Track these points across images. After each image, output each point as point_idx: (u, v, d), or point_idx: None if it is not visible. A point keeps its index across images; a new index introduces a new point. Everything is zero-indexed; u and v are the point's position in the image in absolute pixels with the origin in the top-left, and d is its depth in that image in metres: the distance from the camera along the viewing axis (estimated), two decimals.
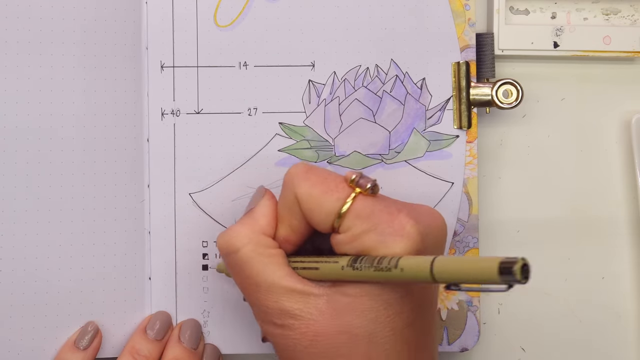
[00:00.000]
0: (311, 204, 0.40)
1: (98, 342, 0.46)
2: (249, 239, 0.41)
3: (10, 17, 0.46)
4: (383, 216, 0.39)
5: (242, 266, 0.41)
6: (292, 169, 0.41)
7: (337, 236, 0.40)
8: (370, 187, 0.39)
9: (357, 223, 0.39)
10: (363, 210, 0.39)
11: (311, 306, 0.39)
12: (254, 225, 0.41)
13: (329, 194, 0.39)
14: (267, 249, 0.41)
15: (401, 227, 0.38)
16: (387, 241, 0.38)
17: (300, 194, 0.40)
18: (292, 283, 0.40)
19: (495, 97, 0.48)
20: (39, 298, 0.46)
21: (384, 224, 0.38)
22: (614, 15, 0.51)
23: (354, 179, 0.39)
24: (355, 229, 0.39)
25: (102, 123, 0.47)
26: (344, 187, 0.40)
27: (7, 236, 0.46)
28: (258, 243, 0.41)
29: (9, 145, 0.46)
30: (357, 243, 0.39)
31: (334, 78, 0.48)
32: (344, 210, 0.39)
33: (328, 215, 0.39)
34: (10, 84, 0.46)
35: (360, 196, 0.39)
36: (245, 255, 0.40)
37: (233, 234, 0.41)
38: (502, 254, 0.51)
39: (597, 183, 0.51)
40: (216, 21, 0.48)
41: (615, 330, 0.51)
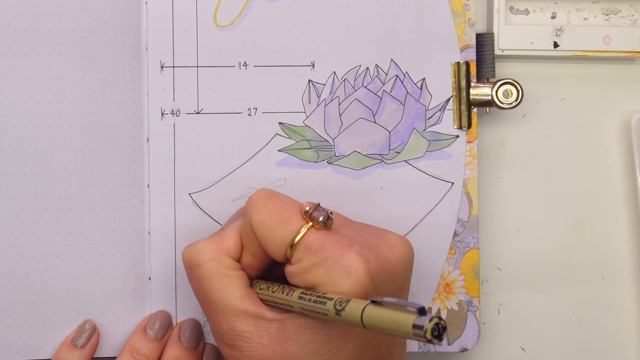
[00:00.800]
0: (265, 233, 0.40)
1: (96, 340, 0.46)
2: (212, 256, 0.41)
3: (7, 17, 0.46)
4: (333, 251, 0.39)
5: (201, 282, 0.41)
6: (253, 195, 0.41)
7: (289, 267, 0.40)
8: (322, 220, 0.39)
9: (306, 256, 0.39)
10: (313, 243, 0.39)
11: (262, 330, 0.40)
12: (220, 243, 0.42)
13: (281, 224, 0.40)
14: (228, 270, 0.41)
15: (349, 264, 0.38)
16: (334, 278, 0.38)
17: (255, 222, 0.40)
18: (246, 305, 0.40)
19: (495, 97, 0.48)
20: (36, 297, 0.46)
21: (331, 260, 0.38)
22: (614, 15, 0.51)
23: (308, 210, 0.40)
24: (304, 262, 0.39)
25: (101, 123, 0.47)
26: (298, 218, 0.40)
27: (5, 236, 0.46)
28: (220, 262, 0.41)
29: (6, 145, 0.46)
30: (306, 276, 0.39)
31: (334, 78, 0.48)
32: (294, 242, 0.39)
33: (280, 246, 0.40)
34: (7, 84, 0.46)
35: (312, 229, 0.39)
36: (206, 271, 0.41)
37: (198, 249, 0.42)
38: (502, 254, 0.51)
39: (597, 183, 0.51)
40: (216, 21, 0.48)
41: (615, 330, 0.51)
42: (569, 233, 0.51)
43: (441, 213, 0.48)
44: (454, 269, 0.48)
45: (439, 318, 0.32)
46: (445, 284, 0.48)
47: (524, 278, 0.51)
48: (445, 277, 0.48)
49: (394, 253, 0.40)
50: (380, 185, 0.48)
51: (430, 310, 0.48)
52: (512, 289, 0.51)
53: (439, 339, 0.32)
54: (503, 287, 0.51)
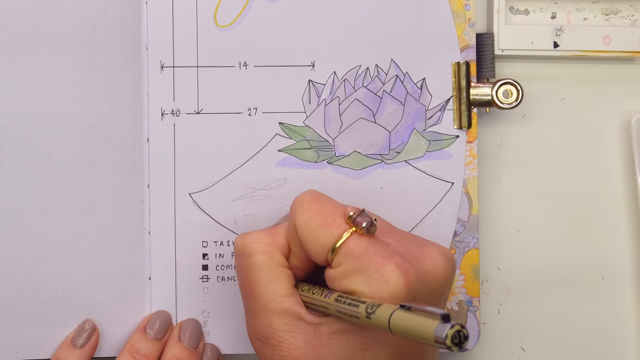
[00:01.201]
0: (307, 235, 0.40)
1: (95, 340, 0.46)
2: (266, 249, 0.41)
3: (7, 17, 0.46)
4: (373, 259, 0.38)
5: (250, 272, 0.41)
6: (299, 196, 0.41)
7: (329, 271, 0.40)
8: (365, 226, 0.39)
9: (347, 261, 0.39)
10: (354, 249, 0.39)
11: (298, 331, 0.39)
12: (274, 238, 0.42)
13: (325, 227, 0.39)
14: (278, 266, 0.41)
15: (388, 275, 0.38)
16: (372, 286, 0.38)
17: (298, 223, 0.40)
18: (288, 304, 0.40)
19: (495, 97, 0.48)
20: (36, 297, 0.46)
21: (372, 268, 0.38)
22: (614, 15, 0.51)
23: (352, 216, 0.39)
24: (344, 267, 0.39)
25: (101, 123, 0.47)
26: (341, 222, 0.40)
27: (5, 236, 0.46)
28: (273, 256, 0.41)
29: (6, 145, 0.46)
30: (345, 281, 0.39)
31: (334, 78, 0.48)
32: (336, 247, 0.39)
33: (322, 249, 0.39)
34: (7, 84, 0.46)
35: (355, 234, 0.39)
36: (257, 262, 0.41)
37: (253, 239, 0.41)
38: (503, 254, 0.51)
39: (597, 183, 0.51)
40: (216, 21, 0.48)
41: (615, 330, 0.51)
42: (569, 233, 0.51)
43: (441, 213, 0.48)
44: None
45: (461, 326, 0.31)
46: None
47: (524, 278, 0.51)
48: None
49: (434, 266, 0.40)
50: (380, 185, 0.48)
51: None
52: (512, 289, 0.51)
53: (460, 347, 0.31)
54: (503, 287, 0.51)
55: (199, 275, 0.47)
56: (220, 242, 0.47)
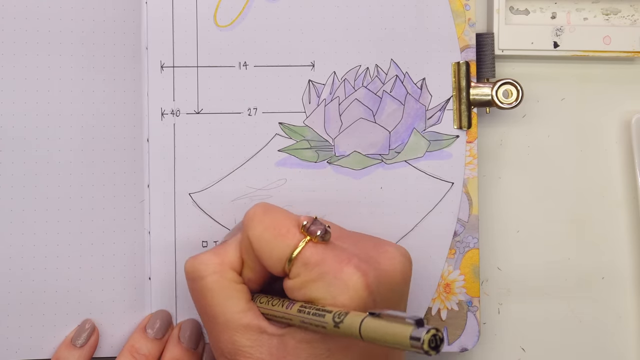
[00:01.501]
0: (262, 248, 0.40)
1: (95, 340, 0.46)
2: (216, 269, 0.41)
3: (6, 17, 0.46)
4: (331, 265, 0.39)
5: (204, 294, 0.41)
6: (250, 210, 0.41)
7: (288, 281, 0.40)
8: (320, 234, 0.39)
9: (304, 271, 0.39)
10: (311, 258, 0.39)
11: (263, 345, 0.39)
12: (223, 257, 0.42)
13: (279, 238, 0.40)
14: (232, 283, 0.41)
15: (348, 278, 0.38)
16: (333, 292, 0.38)
17: (252, 237, 0.40)
18: (248, 319, 0.40)
19: (495, 97, 0.48)
20: (36, 297, 0.46)
21: (330, 274, 0.38)
22: (614, 15, 0.51)
23: (305, 225, 0.39)
24: (303, 277, 0.39)
25: (101, 123, 0.47)
26: (295, 232, 0.40)
27: (4, 235, 0.46)
28: (223, 275, 0.41)
29: (6, 145, 0.46)
30: (305, 291, 0.39)
31: (334, 78, 0.48)
32: (293, 257, 0.39)
33: (278, 261, 0.40)
34: (6, 84, 0.46)
35: (310, 243, 0.39)
36: (210, 284, 0.41)
37: (201, 261, 0.41)
38: (503, 254, 0.51)
39: (597, 183, 0.51)
40: (216, 21, 0.48)
41: (615, 330, 0.51)
42: (569, 233, 0.51)
43: (441, 213, 0.48)
44: (454, 269, 0.48)
45: (436, 329, 0.32)
46: (445, 284, 0.48)
47: (524, 278, 0.51)
48: (445, 277, 0.48)
49: (392, 265, 0.40)
50: (380, 185, 0.48)
51: (430, 314, 0.48)
52: (512, 289, 0.51)
53: (437, 350, 0.32)
54: (503, 287, 0.51)
55: None
56: None
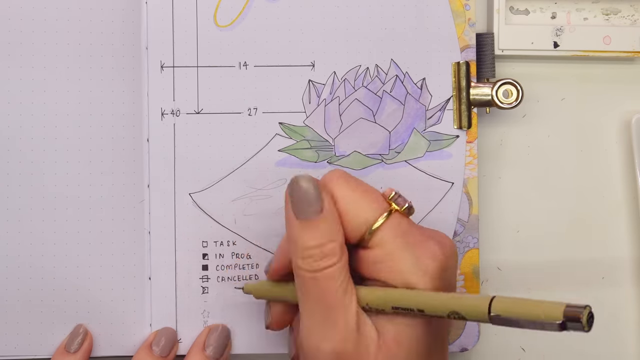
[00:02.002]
0: (349, 206, 0.38)
1: (89, 344, 0.46)
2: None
3: (2, 18, 0.46)
4: (417, 237, 0.38)
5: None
6: (329, 173, 0.40)
7: (366, 252, 0.38)
8: (408, 206, 0.39)
9: (391, 239, 0.38)
10: (399, 226, 0.38)
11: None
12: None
13: (367, 201, 0.38)
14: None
15: (434, 252, 0.38)
16: (421, 264, 0.37)
17: (339, 194, 0.38)
18: None
19: (495, 97, 0.48)
20: (34, 295, 0.46)
21: (418, 246, 0.38)
22: (614, 15, 0.51)
23: (393, 196, 0.39)
24: (388, 246, 0.38)
25: (101, 123, 0.47)
26: (382, 200, 0.39)
27: (1, 234, 0.46)
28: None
29: (2, 145, 0.46)
30: (389, 263, 0.37)
31: (334, 78, 0.48)
32: (380, 222, 0.38)
33: (363, 223, 0.38)
34: (1, 84, 0.46)
35: (396, 213, 0.38)
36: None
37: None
38: (502, 254, 0.51)
39: (597, 183, 0.51)
40: (216, 21, 0.48)
41: (615, 330, 0.51)
42: (569, 233, 0.51)
43: (441, 213, 0.48)
44: None
45: (588, 306, 0.32)
46: None
47: (524, 278, 0.51)
48: None
49: (448, 241, 0.40)
50: (380, 185, 0.48)
51: None
52: (512, 289, 0.51)
53: (591, 327, 0.31)
54: (503, 287, 0.51)
55: (199, 275, 0.47)
56: (220, 242, 0.47)
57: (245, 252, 0.48)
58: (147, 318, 0.47)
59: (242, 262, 0.48)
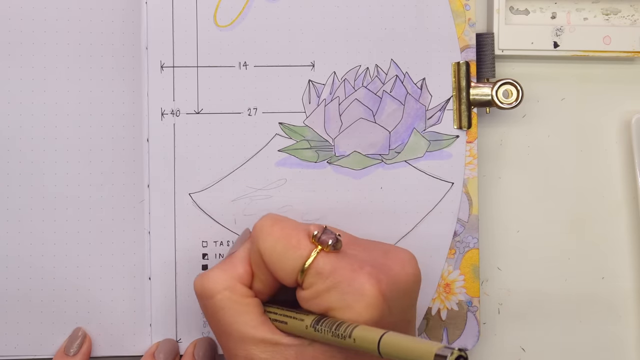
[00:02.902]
0: (274, 260, 0.40)
1: (88, 347, 0.46)
2: (226, 285, 0.41)
3: (2, 18, 0.46)
4: (344, 274, 0.39)
5: (216, 312, 0.41)
6: (258, 222, 0.41)
7: (301, 292, 0.40)
8: (332, 243, 0.39)
9: (318, 281, 0.39)
10: (324, 268, 0.39)
11: (279, 357, 0.39)
12: (232, 271, 0.41)
13: (291, 250, 0.39)
14: (242, 298, 0.41)
15: (361, 286, 0.38)
16: (348, 300, 0.38)
17: (263, 249, 0.40)
18: (263, 333, 0.40)
19: (495, 97, 0.48)
20: (34, 295, 0.46)
21: (344, 283, 0.38)
22: (614, 15, 0.51)
23: (316, 235, 0.39)
24: (316, 287, 0.39)
25: (101, 123, 0.47)
26: (307, 243, 0.40)
27: (1, 234, 0.46)
28: (234, 290, 0.41)
29: (2, 144, 0.46)
30: (319, 300, 0.39)
31: (334, 78, 0.48)
32: (305, 267, 0.39)
33: (291, 272, 0.39)
34: (2, 84, 0.46)
35: (322, 253, 0.39)
36: (221, 302, 0.41)
37: (210, 279, 0.41)
38: (503, 254, 0.51)
39: (597, 183, 0.51)
40: (216, 21, 0.48)
41: (615, 330, 0.51)
42: (569, 233, 0.51)
43: (441, 213, 0.48)
44: (454, 269, 0.48)
45: (462, 350, 0.32)
46: (445, 284, 0.48)
47: (524, 278, 0.51)
48: (445, 277, 0.48)
49: (403, 269, 0.40)
50: (380, 185, 0.48)
51: (430, 314, 0.48)
52: (512, 289, 0.51)
53: None
54: (503, 287, 0.51)
55: None
56: (220, 242, 0.47)
57: None
58: (147, 318, 0.47)
59: None
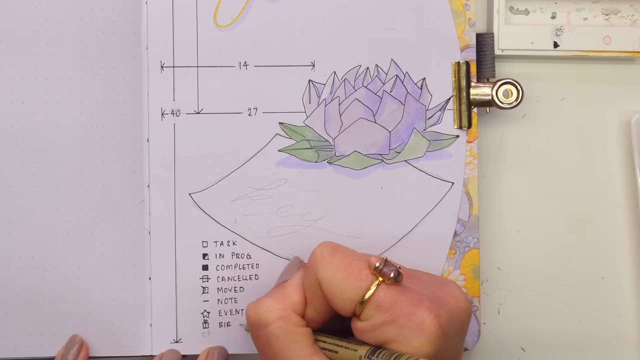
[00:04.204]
0: (333, 289, 0.40)
1: (85, 354, 0.46)
2: (280, 315, 0.41)
3: (4, 18, 0.46)
4: (404, 308, 0.38)
5: (269, 340, 0.41)
6: (317, 249, 0.41)
7: (358, 323, 0.40)
8: (393, 276, 0.39)
9: (377, 313, 0.39)
10: (384, 300, 0.39)
11: None
12: (286, 300, 0.41)
13: (351, 280, 0.39)
14: (296, 327, 0.41)
15: (421, 321, 0.38)
16: (407, 335, 0.38)
17: (322, 278, 0.40)
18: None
19: (495, 97, 0.48)
20: (35, 296, 0.46)
21: (404, 317, 0.38)
22: (614, 15, 0.51)
23: (378, 267, 0.39)
24: (375, 319, 0.39)
25: (101, 123, 0.47)
26: (367, 274, 0.39)
27: (3, 234, 0.46)
28: (288, 320, 0.41)
29: (4, 144, 0.46)
30: (377, 333, 0.39)
31: (334, 78, 0.48)
32: (367, 297, 0.39)
33: (350, 302, 0.39)
34: (4, 84, 0.46)
35: (382, 285, 0.39)
36: (275, 330, 0.40)
37: (265, 308, 0.41)
38: (503, 254, 0.51)
39: (597, 183, 0.51)
40: (216, 21, 0.48)
41: (615, 330, 0.51)
42: (569, 233, 0.51)
43: (441, 213, 0.48)
44: (454, 269, 0.48)
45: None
46: None
47: (524, 278, 0.51)
48: (446, 277, 0.48)
49: (458, 303, 0.40)
50: (380, 185, 0.48)
51: None
52: (512, 289, 0.51)
53: None
54: (503, 287, 0.51)
55: (199, 275, 0.47)
56: (220, 242, 0.47)
57: (245, 252, 0.48)
58: (147, 318, 0.47)
59: (242, 262, 0.48)
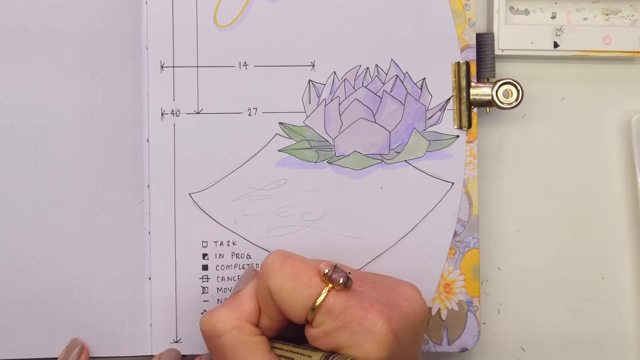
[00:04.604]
0: (284, 297, 0.40)
1: (85, 358, 0.46)
2: (233, 325, 0.41)
3: (5, 17, 0.46)
4: (355, 313, 0.39)
5: (224, 351, 0.41)
6: (268, 258, 0.41)
7: (311, 330, 0.40)
8: (342, 282, 0.39)
9: (328, 320, 0.39)
10: (335, 306, 0.39)
11: None
12: (239, 310, 0.41)
13: (301, 288, 0.39)
14: (250, 337, 0.41)
15: (372, 325, 0.38)
16: (358, 339, 0.38)
17: (273, 287, 0.40)
18: None
19: (495, 97, 0.48)
20: (35, 296, 0.46)
21: (355, 322, 0.38)
22: (614, 15, 0.51)
23: (327, 273, 0.39)
24: (327, 325, 0.39)
25: (101, 123, 0.47)
26: (317, 281, 0.39)
27: (3, 235, 0.46)
28: (241, 330, 0.41)
29: (5, 144, 0.46)
30: (329, 339, 0.39)
31: (334, 78, 0.48)
32: (318, 303, 0.39)
33: (301, 310, 0.39)
34: (5, 83, 0.46)
35: (332, 291, 0.39)
36: (229, 341, 0.40)
37: (217, 318, 0.41)
38: (503, 254, 0.51)
39: (597, 183, 0.51)
40: (216, 21, 0.48)
41: (615, 330, 0.51)
42: (569, 233, 0.51)
43: (441, 213, 0.48)
44: (454, 269, 0.48)
45: None
46: (446, 284, 0.48)
47: (524, 278, 0.51)
48: (446, 277, 0.48)
49: (412, 306, 0.40)
50: (380, 185, 0.48)
51: (430, 314, 0.48)
52: (512, 289, 0.51)
53: None
54: (503, 287, 0.51)
55: (199, 275, 0.47)
56: (220, 242, 0.47)
57: (245, 252, 0.48)
58: (147, 318, 0.47)
59: (242, 262, 0.48)
